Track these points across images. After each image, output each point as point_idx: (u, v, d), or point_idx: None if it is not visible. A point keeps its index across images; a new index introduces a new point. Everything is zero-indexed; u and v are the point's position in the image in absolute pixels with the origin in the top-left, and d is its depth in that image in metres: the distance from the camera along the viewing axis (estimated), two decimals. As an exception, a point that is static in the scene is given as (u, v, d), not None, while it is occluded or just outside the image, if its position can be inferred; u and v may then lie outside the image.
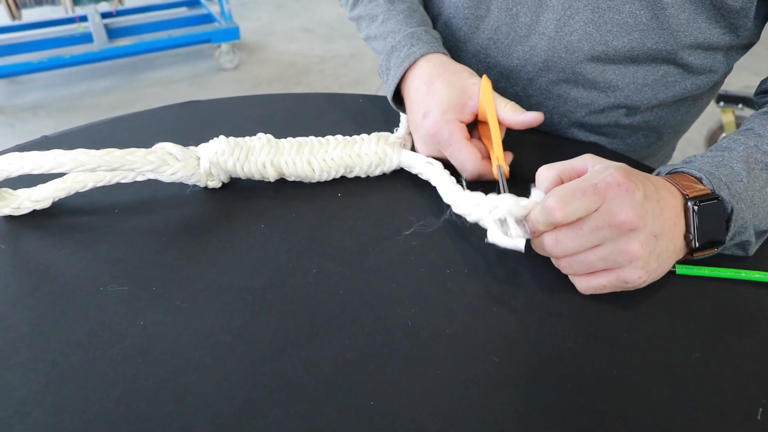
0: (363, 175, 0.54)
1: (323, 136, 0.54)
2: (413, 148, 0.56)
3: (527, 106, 0.63)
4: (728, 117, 1.83)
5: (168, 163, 0.48)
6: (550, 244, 0.41)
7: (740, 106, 1.80)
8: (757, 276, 0.44)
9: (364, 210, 0.51)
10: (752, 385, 0.37)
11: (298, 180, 0.53)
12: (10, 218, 0.49)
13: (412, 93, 0.55)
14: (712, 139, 1.98)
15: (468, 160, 0.50)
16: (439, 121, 0.51)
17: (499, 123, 0.51)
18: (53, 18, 2.79)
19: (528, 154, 0.59)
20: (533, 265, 0.45)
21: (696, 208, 0.41)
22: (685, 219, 0.42)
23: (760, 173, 0.45)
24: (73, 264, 0.44)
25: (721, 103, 1.80)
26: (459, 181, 0.50)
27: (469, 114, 0.52)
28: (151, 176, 0.49)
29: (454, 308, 0.42)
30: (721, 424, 0.35)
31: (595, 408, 0.35)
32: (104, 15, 2.71)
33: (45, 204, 0.49)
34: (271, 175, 0.51)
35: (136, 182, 0.50)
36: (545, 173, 0.43)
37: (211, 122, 0.63)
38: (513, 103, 0.52)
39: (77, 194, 0.50)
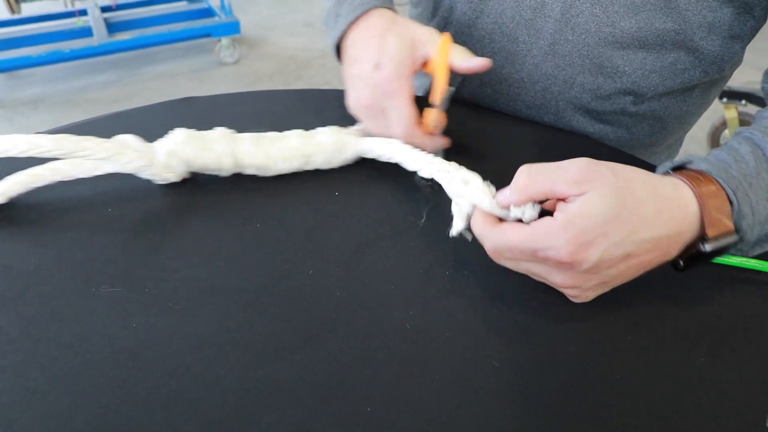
0: (324, 166, 0.53)
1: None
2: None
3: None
4: (731, 113, 1.82)
5: (124, 151, 0.47)
6: (490, 252, 0.42)
7: (743, 102, 1.78)
8: (754, 264, 0.43)
9: (361, 209, 0.50)
10: (759, 391, 0.36)
11: (257, 173, 0.52)
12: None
13: (359, 43, 0.55)
14: (714, 134, 1.97)
15: (406, 118, 0.51)
16: (392, 74, 0.51)
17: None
18: (53, 12, 2.77)
19: (527, 151, 0.58)
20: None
21: (707, 249, 0.38)
22: (684, 250, 0.40)
23: None
24: (64, 265, 0.43)
25: (724, 99, 1.79)
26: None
27: (420, 60, 0.52)
28: (109, 168, 0.48)
29: (453, 311, 0.41)
30: (727, 430, 0.34)
31: (598, 414, 0.35)
32: (104, 9, 2.70)
33: (1, 200, 0.47)
34: (228, 166, 0.50)
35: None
36: (525, 189, 0.39)
37: (209, 118, 0.62)
38: (464, 48, 0.53)
39: (62, 194, 0.49)
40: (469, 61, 0.52)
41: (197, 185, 0.52)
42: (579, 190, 0.37)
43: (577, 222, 0.36)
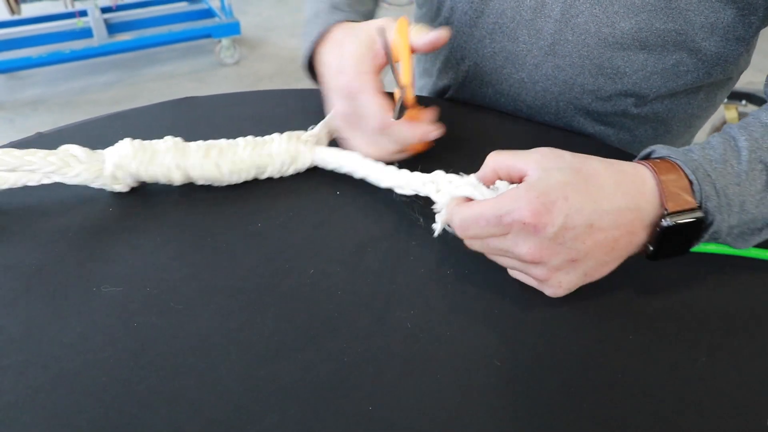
0: (276, 176, 0.52)
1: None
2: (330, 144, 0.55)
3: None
4: (731, 113, 1.82)
5: (70, 164, 0.47)
6: (457, 228, 0.42)
7: (744, 102, 1.78)
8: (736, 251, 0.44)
9: (362, 209, 0.50)
10: (760, 390, 0.36)
11: (207, 183, 0.51)
12: None
13: (326, 57, 0.56)
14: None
15: (377, 109, 0.50)
16: (353, 73, 0.51)
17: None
18: (53, 13, 2.78)
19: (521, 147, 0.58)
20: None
21: (668, 224, 0.39)
22: (650, 232, 0.40)
23: (759, 174, 0.41)
24: (65, 264, 0.43)
25: (725, 100, 1.79)
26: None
27: (382, 52, 0.52)
28: (57, 179, 0.48)
29: (455, 310, 0.41)
30: (727, 430, 0.34)
31: (599, 413, 0.35)
32: (104, 10, 2.70)
33: None
34: (177, 179, 0.49)
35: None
36: (490, 161, 0.43)
37: (208, 119, 0.62)
38: (421, 26, 0.52)
39: (63, 193, 0.49)
40: (425, 36, 0.51)
41: (191, 187, 0.52)
42: (538, 167, 0.40)
43: (538, 185, 0.38)
